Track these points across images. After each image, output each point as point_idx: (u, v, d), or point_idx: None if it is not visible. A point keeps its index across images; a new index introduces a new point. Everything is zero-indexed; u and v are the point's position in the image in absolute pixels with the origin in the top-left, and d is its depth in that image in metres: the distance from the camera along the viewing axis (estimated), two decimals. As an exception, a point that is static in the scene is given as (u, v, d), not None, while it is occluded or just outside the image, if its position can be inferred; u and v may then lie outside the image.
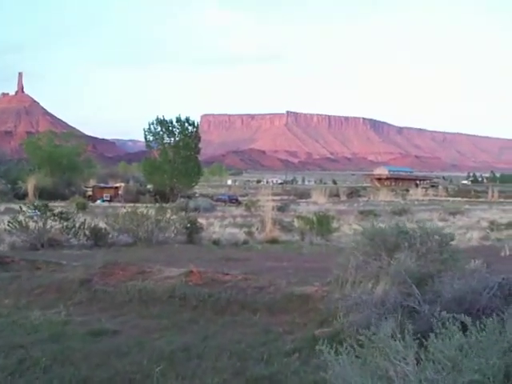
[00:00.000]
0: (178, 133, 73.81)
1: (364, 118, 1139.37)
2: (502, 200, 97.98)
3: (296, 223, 30.76)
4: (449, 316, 5.49)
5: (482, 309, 7.95)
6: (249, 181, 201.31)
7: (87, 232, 23.66)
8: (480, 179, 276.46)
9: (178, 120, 73.69)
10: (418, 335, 5.29)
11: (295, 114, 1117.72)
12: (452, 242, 11.02)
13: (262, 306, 10.96)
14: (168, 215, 26.59)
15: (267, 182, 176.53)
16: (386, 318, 8.17)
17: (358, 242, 11.12)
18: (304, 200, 77.69)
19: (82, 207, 46.03)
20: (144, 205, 40.95)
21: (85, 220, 25.52)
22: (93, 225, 24.76)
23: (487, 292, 8.16)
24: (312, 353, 7.50)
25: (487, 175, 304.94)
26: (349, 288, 9.94)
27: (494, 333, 5.02)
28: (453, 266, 10.03)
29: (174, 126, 73.62)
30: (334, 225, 29.73)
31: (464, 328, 5.45)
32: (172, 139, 74.11)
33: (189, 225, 24.91)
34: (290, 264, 17.05)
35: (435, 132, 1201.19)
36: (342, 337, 8.36)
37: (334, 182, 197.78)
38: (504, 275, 8.74)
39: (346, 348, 5.25)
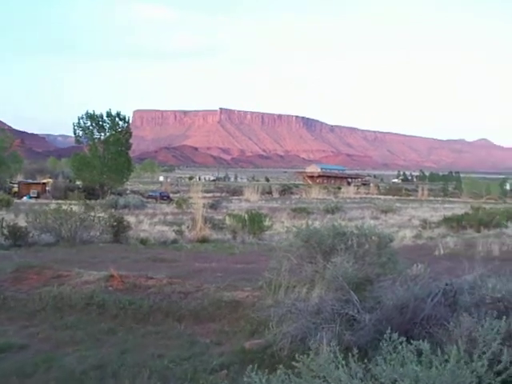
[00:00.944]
0: (109, 128, 71.76)
1: (297, 116, 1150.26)
2: (431, 198, 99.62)
3: (227, 221, 29.93)
4: (401, 340, 4.72)
5: (427, 318, 7.32)
6: (181, 177, 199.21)
7: (5, 231, 22.18)
8: (410, 178, 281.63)
9: (109, 115, 71.69)
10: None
11: (228, 111, 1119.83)
12: (391, 244, 10.43)
13: (188, 313, 10.07)
14: (93, 213, 25.42)
15: (200, 179, 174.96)
16: (322, 328, 7.49)
17: (292, 243, 10.37)
18: (236, 197, 77.03)
19: (6, 204, 44.16)
20: (72, 202, 39.58)
21: (2, 218, 24.15)
22: (12, 223, 23.33)
23: (431, 299, 7.53)
24: (242, 369, 6.72)
25: (417, 174, 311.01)
26: (282, 294, 9.21)
27: (459, 365, 4.29)
28: (392, 269, 9.42)
29: (104, 121, 71.51)
30: (267, 223, 29.03)
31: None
32: (102, 134, 72.08)
33: (115, 223, 23.71)
34: (220, 265, 16.23)
35: (367, 131, 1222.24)
36: (275, 349, 7.64)
37: (267, 180, 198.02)
38: (447, 280, 8.13)
39: (280, 376, 4.41)
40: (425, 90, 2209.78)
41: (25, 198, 66.28)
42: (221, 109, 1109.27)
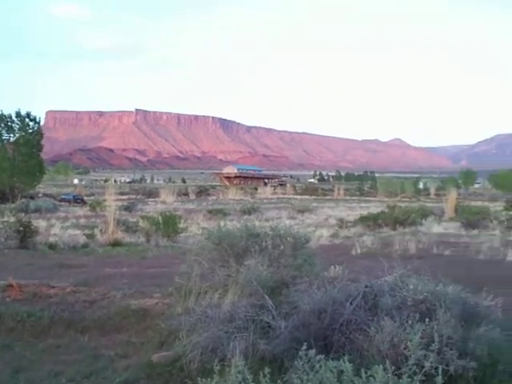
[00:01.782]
0: (18, 129, 69.34)
1: (213, 117, 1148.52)
2: (347, 198, 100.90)
3: (141, 224, 29.05)
4: (320, 357, 4.21)
5: (346, 323, 6.86)
6: (96, 180, 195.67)
7: None
8: (326, 178, 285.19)
9: (18, 115, 69.24)
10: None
11: (144, 112, 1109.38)
12: (308, 244, 9.98)
13: (93, 324, 9.28)
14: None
15: (115, 181, 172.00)
16: (235, 337, 6.94)
17: (203, 246, 9.77)
18: (152, 199, 75.92)
19: None
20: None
21: None
22: None
23: (350, 303, 7.07)
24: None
25: (333, 174, 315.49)
26: (193, 301, 8.59)
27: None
28: (309, 271, 8.97)
29: (13, 122, 69.06)
30: (182, 225, 28.30)
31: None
32: (11, 135, 69.53)
33: (21, 228, 22.49)
34: (131, 270, 15.49)
35: (283, 132, 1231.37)
36: (184, 362, 7.01)
37: (183, 181, 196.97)
38: (367, 282, 7.69)
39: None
40: (340, 91, 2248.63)
41: None
42: (136, 110, 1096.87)
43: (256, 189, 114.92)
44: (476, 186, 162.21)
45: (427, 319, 6.42)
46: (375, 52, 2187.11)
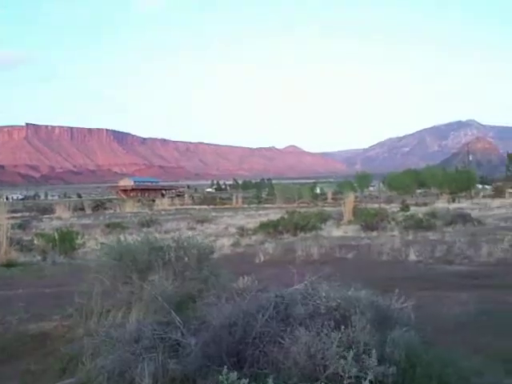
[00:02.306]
0: None
1: (107, 130, 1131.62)
2: (245, 206, 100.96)
3: (36, 242, 27.85)
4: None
5: (259, 335, 6.55)
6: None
7: None
8: (224, 187, 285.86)
9: None
10: None
11: (35, 127, 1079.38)
12: (213, 255, 9.65)
13: (-14, 353, 8.61)
14: None
15: (7, 199, 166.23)
16: (143, 358, 6.51)
17: (103, 263, 9.26)
18: (47, 216, 73.50)
19: None
20: None
21: None
22: None
23: (262, 314, 6.77)
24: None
25: (230, 182, 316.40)
26: (95, 321, 8.08)
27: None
28: (216, 283, 8.64)
29: None
30: (79, 240, 27.34)
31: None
32: None
33: None
34: (27, 291, 14.65)
35: (178, 142, 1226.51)
36: (89, 388, 6.54)
37: (79, 196, 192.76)
38: (277, 291, 7.42)
39: None
40: (234, 100, 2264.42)
41: None
42: (27, 124, 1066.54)
43: (153, 200, 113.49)
44: (371, 188, 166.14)
45: (342, 326, 6.23)
46: (265, 60, 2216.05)
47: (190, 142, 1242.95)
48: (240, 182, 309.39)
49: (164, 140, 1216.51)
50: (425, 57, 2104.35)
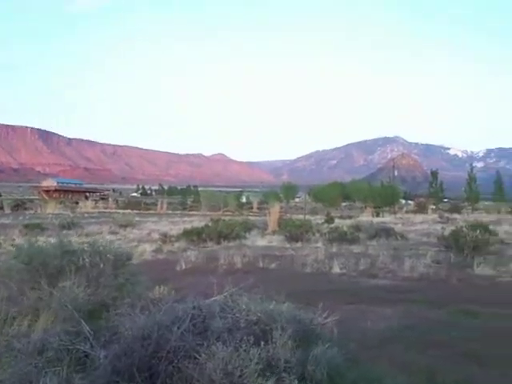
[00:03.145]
0: None
1: (32, 128, 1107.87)
2: (170, 212, 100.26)
3: None
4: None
5: (174, 350, 6.12)
6: None
7: None
8: (149, 192, 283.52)
9: None
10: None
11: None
12: (130, 262, 9.15)
13: None
14: None
15: None
16: (46, 372, 5.98)
17: (11, 266, 8.64)
18: (-37, 216, 71.13)
19: None
20: None
21: None
22: None
23: (178, 327, 6.34)
24: None
25: (156, 188, 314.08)
26: (-1, 330, 7.49)
27: None
28: (131, 291, 8.15)
29: None
30: (-5, 241, 26.35)
31: None
32: None
33: None
34: None
35: (105, 144, 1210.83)
36: (-12, 407, 5.98)
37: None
38: (195, 302, 7.01)
39: None
40: (163, 105, 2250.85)
41: None
42: None
43: (77, 203, 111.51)
44: (297, 199, 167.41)
45: (262, 342, 5.88)
46: (195, 66, 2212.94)
47: (118, 145, 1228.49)
48: (166, 187, 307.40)
49: (90, 141, 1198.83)
50: (354, 73, 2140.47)
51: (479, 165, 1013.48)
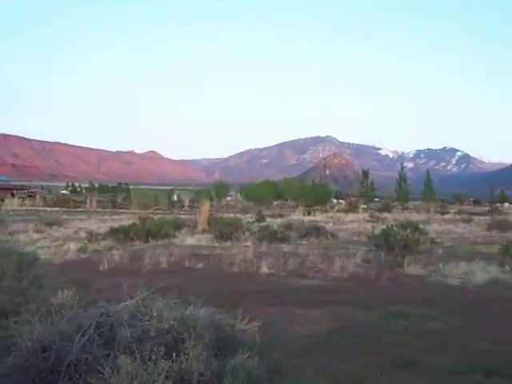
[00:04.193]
0: None
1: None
2: (100, 210, 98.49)
3: None
4: None
5: (75, 362, 5.44)
6: None
7: None
8: (79, 189, 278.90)
9: None
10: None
11: None
12: (37, 262, 8.39)
13: None
14: None
15: None
16: None
17: None
18: None
19: None
20: None
21: None
22: None
23: (81, 336, 5.66)
24: None
25: (87, 185, 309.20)
26: None
27: None
28: (36, 296, 7.42)
29: None
30: None
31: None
32: None
33: None
34: None
35: (34, 141, 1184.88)
36: None
37: None
38: (103, 307, 6.33)
39: None
40: (93, 101, 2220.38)
41: None
42: None
43: (3, 200, 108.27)
44: (229, 198, 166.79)
45: (174, 353, 5.28)
46: (130, 64, 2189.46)
47: (47, 142, 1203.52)
48: (97, 185, 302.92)
49: (18, 137, 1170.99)
50: (286, 72, 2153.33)
51: (409, 165, 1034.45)
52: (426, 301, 11.93)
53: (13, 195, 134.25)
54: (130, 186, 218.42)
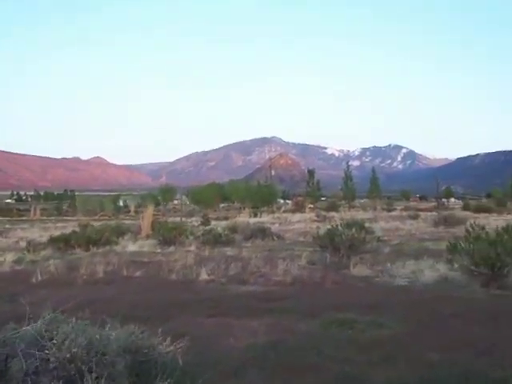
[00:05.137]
0: None
1: None
2: (44, 218, 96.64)
3: None
4: None
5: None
6: None
7: None
8: (24, 197, 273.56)
9: None
10: None
11: None
12: None
13: None
14: None
15: None
16: None
17: None
18: None
19: None
20: None
21: None
22: None
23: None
24: None
25: (32, 193, 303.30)
26: None
27: None
28: None
29: None
30: None
31: None
32: None
33: None
34: None
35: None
36: None
37: None
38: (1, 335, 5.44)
39: None
40: (37, 108, 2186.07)
41: None
42: None
43: None
44: (176, 201, 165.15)
45: (77, 388, 4.49)
46: (68, 66, 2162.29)
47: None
48: (42, 193, 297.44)
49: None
50: (230, 74, 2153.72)
51: (355, 163, 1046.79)
52: (373, 305, 11.24)
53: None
54: (76, 193, 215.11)
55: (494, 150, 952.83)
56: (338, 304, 11.45)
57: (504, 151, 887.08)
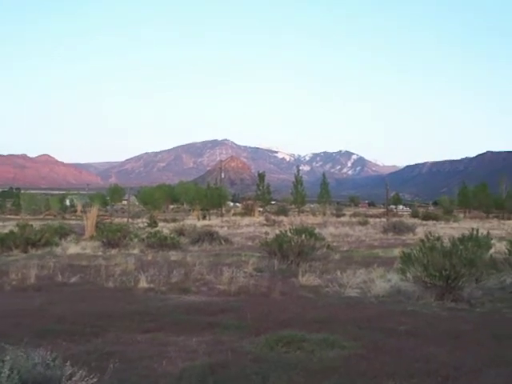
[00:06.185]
0: None
1: None
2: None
3: None
4: None
5: None
6: None
7: None
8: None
9: None
10: None
11: None
12: None
13: None
14: None
15: None
16: None
17: None
18: None
19: None
20: None
21: None
22: None
23: None
24: None
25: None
26: None
27: None
28: None
29: None
30: None
31: None
32: None
33: None
34: None
35: None
36: None
37: None
38: None
39: None
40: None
41: None
42: None
43: None
44: (125, 202, 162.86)
45: None
46: (17, 62, 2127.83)
47: None
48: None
49: None
50: (183, 76, 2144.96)
51: (306, 168, 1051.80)
52: (323, 320, 10.31)
53: None
54: (22, 191, 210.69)
55: (441, 159, 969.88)
56: (286, 318, 10.53)
57: (450, 160, 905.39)
